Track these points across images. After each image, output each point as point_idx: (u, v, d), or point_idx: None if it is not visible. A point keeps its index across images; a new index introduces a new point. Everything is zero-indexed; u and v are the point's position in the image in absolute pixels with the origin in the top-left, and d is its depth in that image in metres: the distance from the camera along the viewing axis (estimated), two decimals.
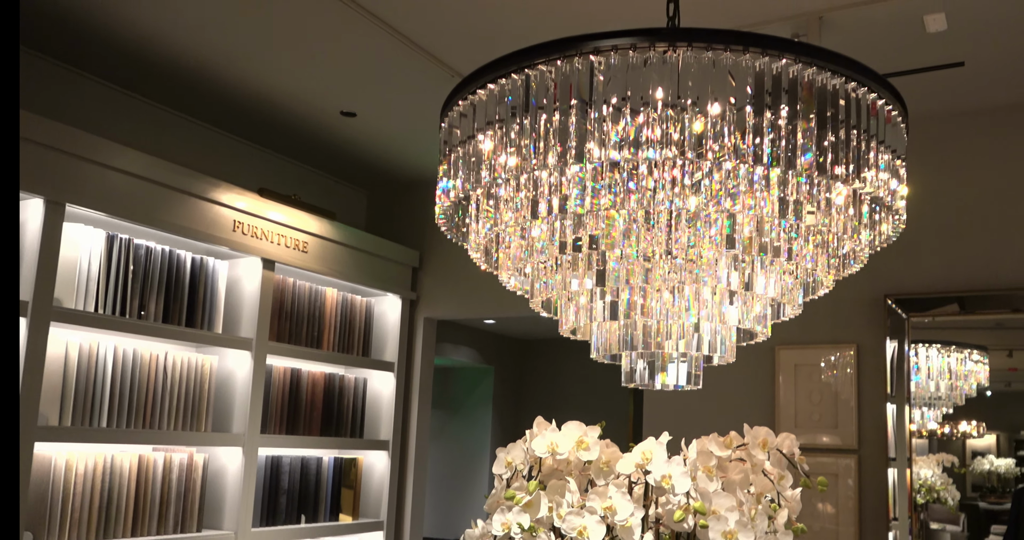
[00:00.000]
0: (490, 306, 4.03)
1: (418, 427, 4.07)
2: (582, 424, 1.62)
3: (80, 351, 2.71)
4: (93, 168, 2.71)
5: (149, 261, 2.94)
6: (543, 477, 1.61)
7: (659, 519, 1.59)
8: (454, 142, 1.39)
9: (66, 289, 2.71)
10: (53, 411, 2.63)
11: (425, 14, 2.58)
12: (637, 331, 1.66)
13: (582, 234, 1.43)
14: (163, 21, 2.71)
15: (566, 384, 7.30)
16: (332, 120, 3.48)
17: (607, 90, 1.19)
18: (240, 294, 3.30)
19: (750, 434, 1.63)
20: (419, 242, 4.21)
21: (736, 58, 1.16)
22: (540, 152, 1.25)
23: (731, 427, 1.66)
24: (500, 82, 1.27)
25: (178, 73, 3.10)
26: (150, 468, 2.90)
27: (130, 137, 3.22)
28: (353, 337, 3.83)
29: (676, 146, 1.20)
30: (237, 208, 3.20)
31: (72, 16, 2.72)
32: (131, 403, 2.85)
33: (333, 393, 3.70)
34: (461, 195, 1.43)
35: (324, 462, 3.64)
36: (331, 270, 3.63)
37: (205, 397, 3.11)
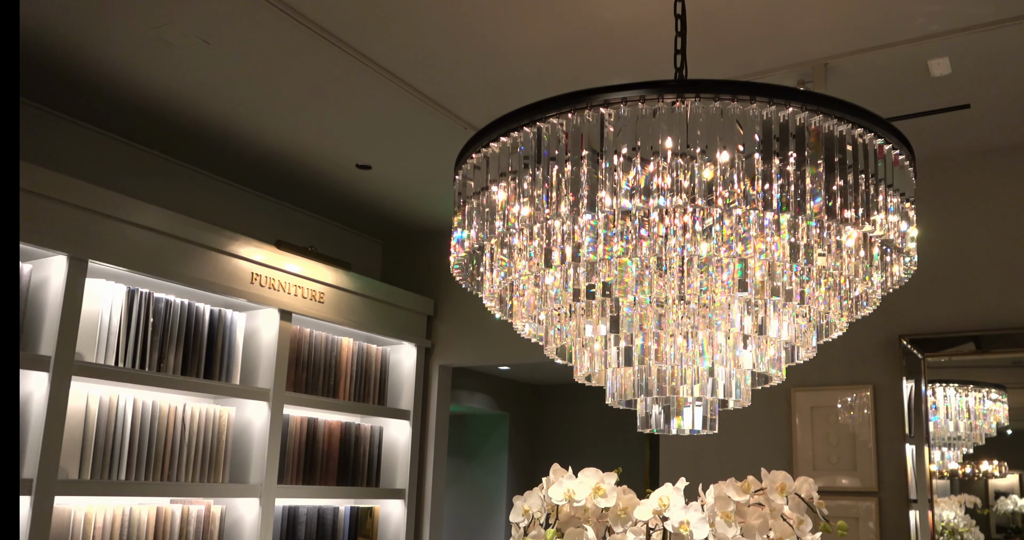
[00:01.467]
0: (504, 353, 4.02)
1: (434, 475, 4.03)
2: (599, 471, 1.60)
3: (100, 404, 2.71)
4: (114, 224, 2.74)
5: (169, 314, 2.95)
6: (560, 525, 1.59)
7: None
8: (468, 193, 1.41)
9: (87, 343, 2.72)
10: (73, 465, 2.62)
11: (437, 69, 2.63)
12: (652, 376, 1.65)
13: (595, 281, 1.43)
14: (181, 80, 2.77)
15: (582, 430, 7.23)
16: (348, 173, 3.52)
17: (617, 140, 1.21)
18: (258, 345, 3.31)
19: (768, 478, 1.61)
20: (434, 290, 4.22)
21: (743, 107, 1.18)
22: (553, 202, 1.27)
23: (748, 471, 1.64)
24: (513, 135, 1.29)
25: (197, 130, 3.15)
26: (168, 520, 2.88)
27: (150, 193, 3.27)
28: (369, 386, 3.82)
29: (686, 193, 1.21)
30: (255, 261, 3.22)
31: (94, 76, 2.78)
32: (149, 455, 2.84)
33: (349, 442, 3.68)
34: (475, 245, 1.44)
35: (340, 512, 3.60)
36: (347, 320, 3.64)
37: (223, 448, 3.09)
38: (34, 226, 2.51)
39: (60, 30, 2.49)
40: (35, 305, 2.59)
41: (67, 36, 2.52)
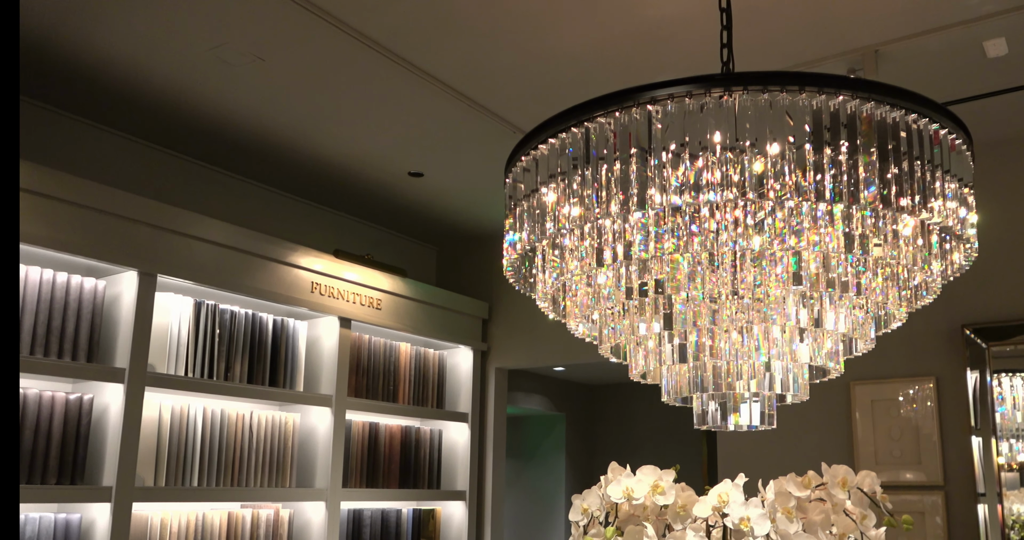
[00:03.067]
0: (559, 354, 4.00)
1: (493, 476, 4.03)
2: (657, 468, 1.58)
3: (172, 413, 2.77)
4: (181, 239, 2.80)
5: (234, 325, 3.01)
6: (619, 523, 1.57)
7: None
8: (519, 196, 1.41)
9: (159, 355, 2.79)
10: (148, 472, 2.68)
11: (484, 75, 2.63)
12: (707, 372, 1.62)
13: (648, 279, 1.42)
14: (239, 97, 2.82)
15: (638, 428, 7.16)
16: (400, 181, 3.55)
17: (665, 137, 1.19)
18: (319, 353, 3.35)
19: (829, 473, 1.57)
20: (488, 294, 4.23)
21: (792, 98, 1.15)
22: (603, 201, 1.25)
23: (808, 467, 1.60)
24: (561, 136, 1.28)
25: (255, 145, 3.21)
26: (239, 525, 2.92)
27: (212, 208, 3.34)
28: (427, 390, 3.84)
29: (737, 187, 1.18)
30: (314, 270, 3.27)
31: (158, 97, 2.85)
32: (220, 462, 2.89)
33: (410, 445, 3.70)
34: (527, 247, 1.43)
35: (403, 514, 3.62)
36: (404, 325, 3.67)
37: (289, 453, 3.14)
38: (106, 243, 2.58)
39: (127, 56, 2.56)
40: (109, 319, 2.66)
41: (133, 62, 2.59)
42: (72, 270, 2.60)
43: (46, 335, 2.46)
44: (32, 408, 2.39)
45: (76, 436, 2.49)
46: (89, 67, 2.64)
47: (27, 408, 2.38)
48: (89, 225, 2.55)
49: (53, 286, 2.49)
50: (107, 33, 2.44)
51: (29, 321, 2.43)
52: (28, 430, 2.38)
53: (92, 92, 2.80)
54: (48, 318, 2.47)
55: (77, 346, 2.53)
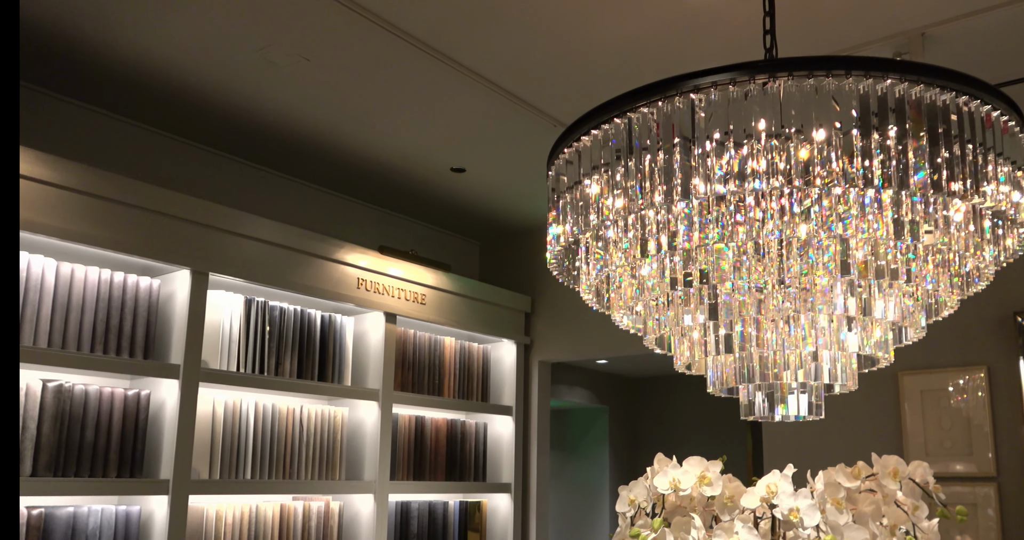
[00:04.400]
0: (602, 347, 3.98)
1: (538, 469, 4.03)
2: (703, 459, 1.56)
3: (226, 408, 2.81)
4: (231, 238, 2.84)
5: (283, 321, 3.04)
6: (666, 514, 1.56)
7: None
8: (561, 189, 1.40)
9: (211, 351, 2.83)
10: (204, 465, 2.73)
11: (524, 69, 2.62)
12: (754, 363, 1.60)
13: (692, 269, 1.40)
14: (285, 97, 2.85)
15: (681, 421, 7.11)
16: (443, 177, 3.56)
17: (709, 126, 1.17)
18: (366, 347, 3.37)
19: (879, 463, 1.54)
20: (530, 288, 4.22)
21: (839, 82, 1.12)
22: (646, 191, 1.24)
23: (855, 459, 1.56)
24: (604, 127, 1.27)
25: (300, 144, 3.24)
26: (291, 516, 2.96)
27: (260, 207, 3.38)
28: (472, 383, 3.85)
29: (782, 175, 1.16)
30: (360, 266, 3.29)
31: (206, 99, 2.90)
32: (272, 455, 2.93)
33: (456, 438, 3.71)
34: (571, 239, 1.42)
35: (450, 506, 3.63)
36: (448, 320, 3.68)
37: (338, 447, 3.17)
38: (160, 243, 2.63)
39: (176, 61, 2.60)
40: (164, 317, 2.71)
41: (183, 66, 2.64)
42: (128, 270, 2.65)
43: (105, 333, 2.51)
44: (93, 404, 2.45)
45: (135, 431, 2.54)
46: (141, 72, 2.69)
47: (88, 404, 2.44)
48: (144, 226, 2.60)
49: (111, 286, 2.55)
50: (158, 39, 2.49)
51: (88, 320, 2.48)
52: (89, 425, 2.43)
53: (144, 96, 2.86)
54: (107, 317, 2.52)
55: (134, 343, 2.58)
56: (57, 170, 2.39)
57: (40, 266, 2.40)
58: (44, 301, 2.39)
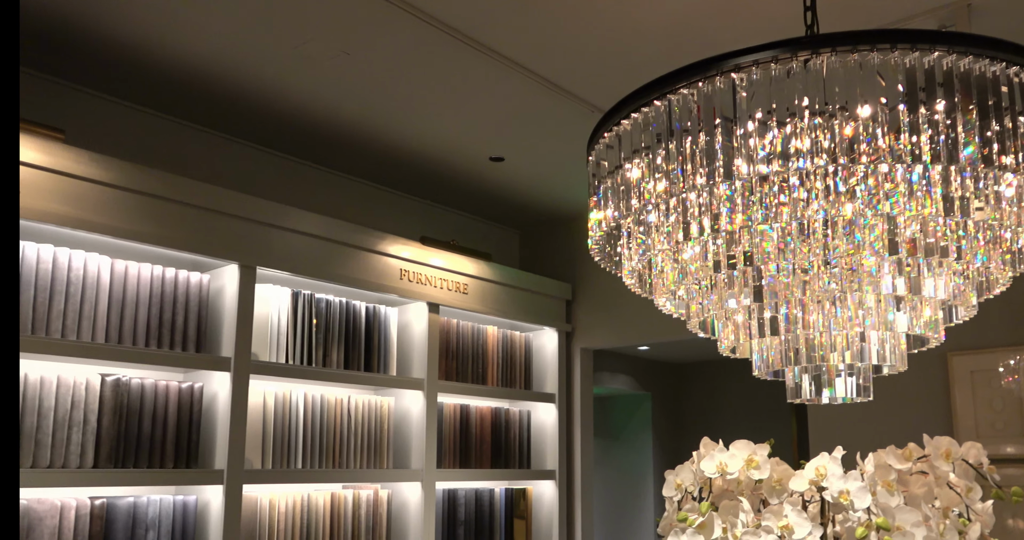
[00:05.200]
0: (643, 333, 3.96)
1: (582, 456, 4.03)
2: (750, 443, 1.54)
3: (276, 399, 2.85)
4: (277, 232, 2.87)
5: (329, 313, 3.07)
6: (713, 498, 1.54)
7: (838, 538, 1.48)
8: (602, 174, 1.38)
9: (261, 344, 2.87)
10: (256, 455, 2.78)
11: (561, 55, 2.60)
12: (800, 345, 1.57)
13: (736, 251, 1.37)
14: (324, 91, 2.87)
15: (724, 406, 7.04)
16: (482, 166, 3.55)
17: (751, 105, 1.15)
18: (410, 338, 3.39)
19: (931, 445, 1.50)
20: (571, 275, 4.21)
21: (884, 57, 1.09)
22: (688, 174, 1.22)
23: (904, 442, 1.53)
24: (643, 110, 1.25)
25: (340, 137, 3.26)
26: (341, 504, 3.00)
27: (304, 201, 3.42)
28: (515, 371, 3.85)
29: (827, 154, 1.13)
30: (402, 257, 3.31)
31: (248, 95, 2.93)
32: (321, 445, 2.97)
33: (500, 426, 3.72)
34: (612, 224, 1.41)
35: (496, 493, 3.65)
36: (490, 309, 3.68)
37: (385, 436, 3.20)
38: (208, 239, 2.67)
39: (219, 58, 2.63)
40: (214, 311, 2.76)
41: (224, 63, 2.67)
42: (179, 265, 2.70)
43: (158, 328, 2.56)
44: (149, 397, 2.50)
45: (189, 423, 2.59)
46: (186, 72, 2.73)
47: (145, 397, 2.49)
48: (193, 222, 2.64)
49: (163, 282, 2.59)
50: (201, 39, 2.52)
51: (143, 315, 2.53)
52: (146, 418, 2.49)
53: (189, 95, 2.90)
54: (159, 312, 2.57)
55: (186, 337, 2.63)
56: (110, 170, 2.44)
57: (96, 264, 2.45)
58: (100, 298, 2.44)
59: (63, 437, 2.31)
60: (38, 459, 2.25)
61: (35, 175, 2.28)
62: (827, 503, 1.47)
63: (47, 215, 2.30)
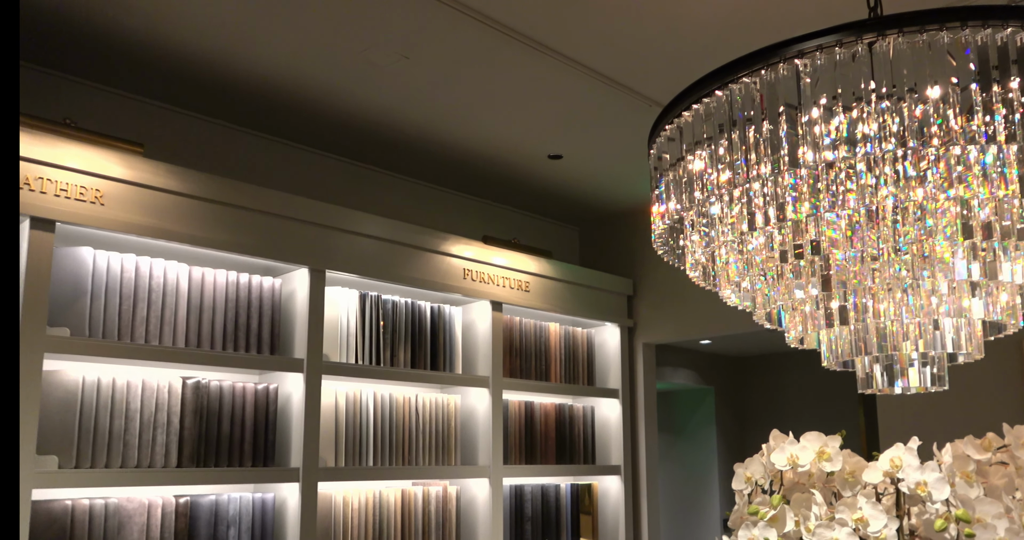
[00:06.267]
0: (705, 326, 3.90)
1: (647, 451, 3.99)
2: (821, 434, 1.50)
3: (347, 399, 2.89)
4: (344, 236, 2.91)
5: (395, 314, 3.11)
6: (784, 491, 1.50)
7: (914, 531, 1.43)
8: (664, 167, 1.37)
9: (331, 345, 2.92)
10: (329, 454, 2.82)
11: (618, 50, 2.58)
12: (870, 334, 1.52)
13: (802, 241, 1.34)
14: (386, 95, 2.90)
15: (789, 400, 6.90)
16: (541, 164, 3.55)
17: (816, 91, 1.12)
18: (475, 336, 3.41)
19: (1011, 434, 1.45)
20: (631, 270, 4.17)
21: (954, 36, 1.05)
22: (752, 164, 1.19)
23: (977, 432, 1.48)
24: (705, 101, 1.23)
25: (402, 140, 3.29)
26: (412, 501, 3.03)
27: (369, 204, 3.46)
28: (578, 367, 3.84)
29: (896, 138, 1.10)
30: (465, 257, 3.32)
31: (314, 102, 2.98)
32: (391, 443, 3.00)
33: (564, 422, 3.71)
34: (675, 217, 1.39)
35: (562, 489, 3.64)
36: (552, 306, 3.67)
37: (453, 433, 3.21)
38: (279, 244, 2.72)
39: (286, 67, 2.69)
40: (286, 315, 2.81)
41: (292, 72, 2.72)
42: (252, 271, 2.76)
43: (235, 332, 2.63)
44: (227, 398, 2.56)
45: (266, 423, 2.64)
46: (255, 83, 2.79)
47: (223, 398, 2.55)
48: (265, 228, 2.69)
49: (237, 287, 2.66)
50: (268, 50, 2.57)
51: (219, 320, 2.60)
52: (225, 419, 2.55)
53: (258, 105, 2.97)
54: (235, 316, 2.64)
55: (261, 340, 2.69)
56: (186, 180, 2.51)
57: (175, 272, 2.52)
58: (180, 304, 2.51)
59: (149, 438, 2.38)
60: (127, 459, 2.33)
61: (117, 188, 2.36)
62: (903, 495, 1.42)
63: (129, 226, 2.37)
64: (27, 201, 2.18)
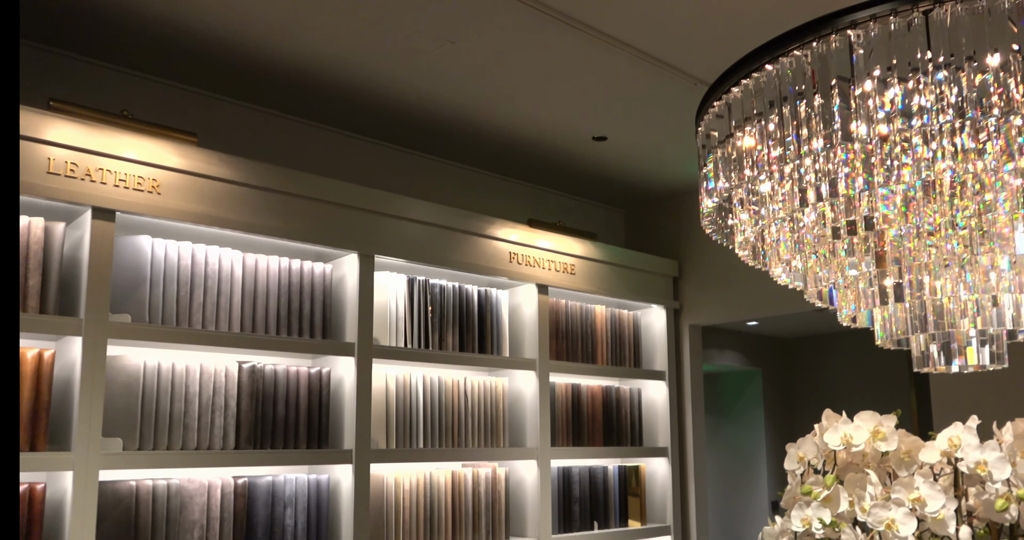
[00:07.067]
0: (752, 307, 3.85)
1: (694, 433, 3.96)
2: (876, 414, 1.47)
3: (397, 382, 2.93)
4: (393, 221, 2.94)
5: (443, 297, 3.12)
6: (837, 471, 1.48)
7: (971, 512, 1.40)
8: (712, 144, 1.34)
9: (381, 329, 2.95)
10: (381, 436, 2.86)
11: (662, 29, 2.54)
12: (926, 312, 1.48)
13: (856, 217, 1.31)
14: (432, 81, 2.90)
15: (837, 381, 6.79)
16: (585, 146, 3.52)
17: (869, 63, 1.08)
18: (521, 319, 3.41)
19: None
20: (676, 252, 4.13)
21: (1015, 0, 1.01)
22: (804, 139, 1.17)
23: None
24: (754, 76, 1.21)
25: (447, 126, 3.30)
26: (462, 483, 3.05)
27: (416, 189, 3.48)
28: (624, 350, 3.82)
29: (953, 109, 1.06)
30: (511, 240, 3.32)
31: (360, 89, 3.00)
32: (441, 425, 3.03)
33: (611, 405, 3.70)
34: (724, 195, 1.37)
35: (610, 471, 3.63)
36: (598, 288, 3.66)
37: (501, 416, 3.23)
38: (329, 230, 2.75)
39: (331, 55, 2.70)
40: (337, 299, 2.85)
41: (337, 59, 2.74)
42: (303, 257, 2.80)
43: (288, 317, 2.67)
44: (282, 382, 2.61)
45: (319, 405, 2.69)
46: (300, 71, 2.82)
47: (278, 382, 2.60)
48: (315, 214, 2.73)
49: (289, 273, 2.70)
50: (313, 38, 2.59)
51: (273, 305, 2.64)
52: (280, 402, 2.60)
53: (307, 94, 3.00)
54: (288, 301, 2.68)
55: (313, 325, 2.73)
56: (239, 169, 2.55)
57: (229, 259, 2.57)
58: (235, 290, 2.56)
59: (207, 421, 2.44)
60: (187, 442, 2.39)
61: (172, 177, 2.41)
62: (961, 475, 1.39)
63: (185, 214, 2.42)
64: (88, 192, 2.24)
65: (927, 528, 1.33)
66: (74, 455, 2.14)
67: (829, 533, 1.36)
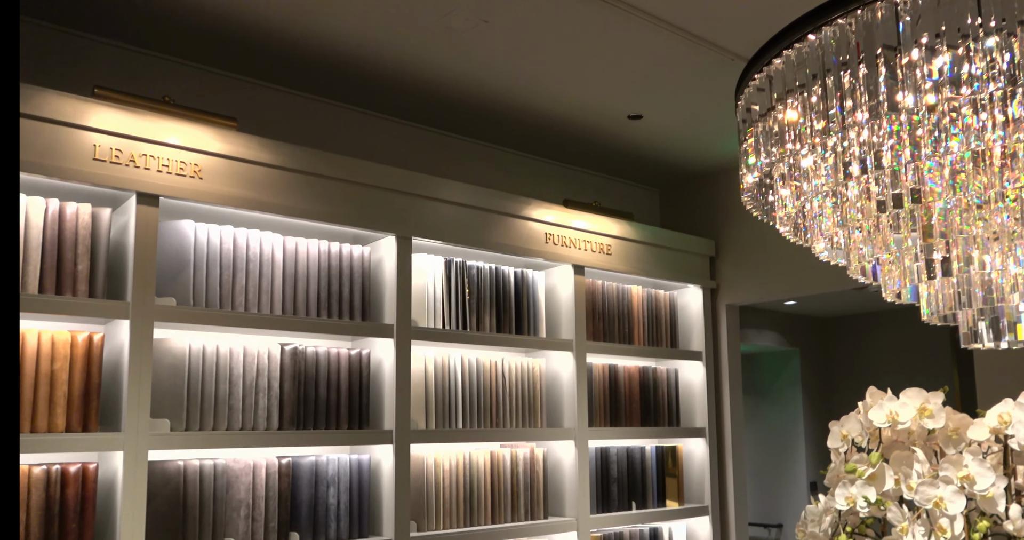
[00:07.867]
0: (790, 286, 3.79)
1: (732, 413, 3.93)
2: (922, 391, 1.44)
3: (436, 363, 2.94)
4: (429, 203, 2.94)
5: (480, 279, 3.13)
6: (884, 450, 1.45)
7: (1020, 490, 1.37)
8: (753, 118, 1.32)
9: (419, 310, 2.96)
10: (420, 416, 2.88)
11: (698, 2, 2.48)
12: (975, 287, 1.45)
13: (902, 190, 1.28)
14: (467, 61, 2.88)
15: (877, 361, 6.68)
16: (620, 125, 3.49)
17: (916, 30, 1.05)
18: (557, 300, 3.41)
19: None
20: (713, 231, 4.09)
21: None
22: (848, 111, 1.14)
23: None
24: (796, 47, 1.18)
25: (482, 106, 3.28)
26: (500, 463, 3.07)
27: (452, 171, 3.48)
28: (661, 330, 3.80)
29: (1005, 76, 1.03)
30: (547, 221, 3.31)
31: (396, 72, 2.99)
32: (479, 405, 3.04)
33: (648, 385, 3.69)
34: (765, 171, 1.34)
35: (647, 451, 3.63)
36: (634, 268, 3.64)
37: (538, 396, 3.24)
38: (368, 213, 2.77)
39: (364, 37, 2.70)
40: (375, 282, 2.87)
41: (373, 42, 2.74)
42: (342, 240, 2.82)
43: (327, 299, 2.69)
44: (323, 363, 2.64)
45: (360, 386, 2.72)
46: (337, 54, 2.82)
47: (319, 364, 2.63)
48: (353, 197, 2.74)
49: (328, 256, 2.72)
50: (349, 20, 2.59)
51: (313, 288, 2.67)
52: (322, 383, 2.63)
53: (343, 77, 3.00)
54: (327, 284, 2.70)
55: (352, 307, 2.75)
56: (278, 153, 2.57)
57: (270, 243, 2.60)
58: (276, 273, 2.59)
59: (251, 402, 2.48)
60: (232, 423, 2.43)
61: (214, 162, 2.44)
62: (1011, 453, 1.36)
63: (226, 198, 2.45)
64: (132, 177, 2.28)
65: (975, 506, 1.30)
66: (124, 435, 2.19)
67: (874, 511, 1.34)
